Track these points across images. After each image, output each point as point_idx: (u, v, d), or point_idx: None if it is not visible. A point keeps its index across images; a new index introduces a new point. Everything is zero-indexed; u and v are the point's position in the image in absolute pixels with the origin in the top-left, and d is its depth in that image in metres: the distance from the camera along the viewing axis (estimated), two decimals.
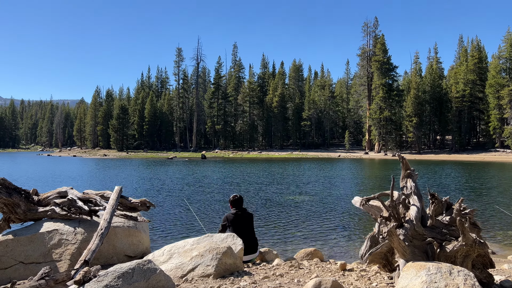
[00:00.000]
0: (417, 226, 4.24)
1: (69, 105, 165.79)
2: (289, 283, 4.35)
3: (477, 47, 73.35)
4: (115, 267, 3.32)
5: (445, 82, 77.60)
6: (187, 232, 10.26)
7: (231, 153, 77.42)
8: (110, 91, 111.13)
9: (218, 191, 19.33)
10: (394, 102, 71.72)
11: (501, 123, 62.31)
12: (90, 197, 6.10)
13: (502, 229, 10.72)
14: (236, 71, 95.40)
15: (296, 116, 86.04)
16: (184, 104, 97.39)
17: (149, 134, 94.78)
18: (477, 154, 60.97)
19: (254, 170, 35.25)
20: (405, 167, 4.81)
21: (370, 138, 74.68)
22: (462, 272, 3.75)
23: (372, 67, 73.72)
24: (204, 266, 4.51)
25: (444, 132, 73.90)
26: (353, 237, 9.97)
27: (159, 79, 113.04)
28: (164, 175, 29.27)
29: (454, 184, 22.97)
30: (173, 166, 42.09)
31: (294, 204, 15.34)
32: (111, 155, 77.69)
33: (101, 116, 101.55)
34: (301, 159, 59.62)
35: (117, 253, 5.93)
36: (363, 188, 21.57)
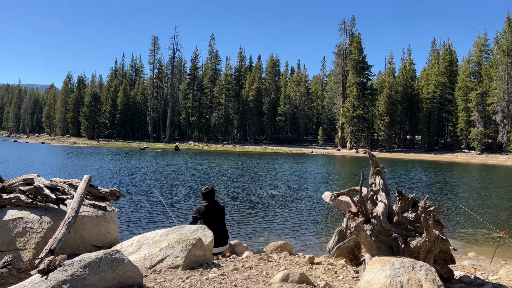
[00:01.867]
0: (383, 222, 4.36)
1: (38, 90, 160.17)
2: (258, 275, 4.39)
3: (449, 50, 75.54)
4: (81, 257, 3.26)
5: (417, 83, 79.57)
6: (157, 224, 10.17)
7: (205, 145, 76.98)
8: (82, 78, 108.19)
9: (190, 183, 19.22)
10: (367, 101, 73.02)
11: (468, 125, 64.52)
12: (57, 185, 5.95)
13: (464, 227, 11.16)
14: (212, 62, 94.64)
15: (271, 110, 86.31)
16: (159, 94, 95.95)
17: (121, 123, 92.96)
18: (444, 154, 62.96)
19: (227, 163, 35.21)
20: (375, 164, 4.92)
21: (343, 135, 75.84)
22: (424, 267, 3.89)
23: (348, 65, 74.70)
24: (173, 257, 4.49)
25: (414, 132, 75.88)
26: (322, 231, 10.14)
27: (134, 67, 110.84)
28: (136, 166, 28.83)
29: (421, 182, 23.67)
30: (145, 156, 41.50)
31: (266, 198, 15.45)
32: (81, 143, 75.80)
33: (72, 103, 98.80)
34: (275, 153, 59.97)
35: (85, 243, 5.82)
36: (334, 184, 21.93)
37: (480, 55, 68.13)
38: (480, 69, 67.31)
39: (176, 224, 6.06)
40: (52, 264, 3.13)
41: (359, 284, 4.03)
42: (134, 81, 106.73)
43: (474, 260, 7.30)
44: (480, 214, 12.51)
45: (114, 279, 3.32)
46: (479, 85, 63.82)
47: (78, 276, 3.09)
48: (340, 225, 5.18)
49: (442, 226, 4.62)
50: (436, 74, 70.86)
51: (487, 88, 61.88)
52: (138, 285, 3.51)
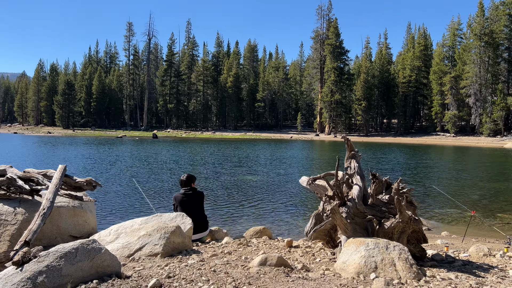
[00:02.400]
0: (358, 204, 4.46)
1: (8, 78, 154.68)
2: (237, 260, 4.45)
3: (424, 34, 76.63)
4: (57, 247, 3.23)
5: (393, 68, 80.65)
6: (136, 212, 10.11)
7: (184, 133, 76.39)
8: (54, 65, 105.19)
9: (168, 171, 19.11)
10: (345, 86, 73.67)
11: (442, 108, 66.04)
12: (31, 176, 5.83)
13: (438, 208, 11.51)
14: (189, 48, 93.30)
15: (250, 97, 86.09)
16: (135, 81, 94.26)
17: (97, 111, 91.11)
18: (420, 137, 64.41)
19: (207, 150, 35.10)
20: (350, 148, 5.01)
21: (321, 120, 76.48)
22: (397, 247, 4.02)
23: (325, 50, 74.94)
24: (152, 245, 4.49)
25: (390, 116, 77.21)
26: (301, 215, 10.30)
27: (108, 54, 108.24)
28: (113, 154, 28.43)
29: (397, 165, 24.21)
30: (123, 145, 40.92)
31: (246, 184, 15.52)
32: (56, 132, 74.05)
33: (45, 92, 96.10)
34: (255, 140, 60.08)
35: (61, 234, 5.75)
36: (312, 168, 22.20)
37: (453, 39, 69.43)
38: (453, 53, 68.69)
39: (155, 213, 6.05)
40: (27, 255, 3.10)
41: (335, 265, 4.13)
42: (109, 68, 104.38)
43: (447, 239, 7.56)
44: (453, 194, 12.92)
45: (92, 269, 3.31)
46: (453, 69, 65.21)
47: (54, 267, 3.06)
48: (317, 208, 5.27)
49: (415, 207, 4.76)
50: (411, 58, 71.94)
51: (461, 71, 63.31)
52: (116, 273, 3.51)
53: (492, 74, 60.58)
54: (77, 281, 3.17)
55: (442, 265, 4.49)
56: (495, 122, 58.40)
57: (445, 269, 4.27)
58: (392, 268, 3.79)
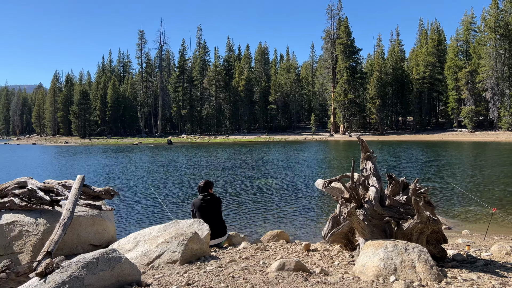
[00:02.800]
0: (375, 206, 4.43)
1: (25, 90, 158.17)
2: (255, 265, 4.46)
3: (436, 30, 75.69)
4: (78, 257, 3.29)
5: (406, 64, 79.77)
6: (153, 219, 10.21)
7: (198, 138, 76.85)
8: (69, 76, 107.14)
9: (185, 177, 19.24)
10: (358, 85, 73.15)
11: (458, 104, 64.99)
12: (51, 186, 5.95)
13: (457, 205, 11.32)
14: (201, 54, 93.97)
15: (262, 99, 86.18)
16: (148, 89, 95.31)
17: (112, 119, 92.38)
18: (436, 134, 63.49)
19: (221, 154, 35.24)
20: (365, 150, 4.98)
21: (335, 120, 76.05)
22: (416, 248, 3.98)
23: (336, 50, 74.59)
24: (171, 252, 4.53)
25: (405, 113, 76.30)
26: (317, 218, 10.25)
27: (121, 62, 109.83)
28: (129, 162, 28.77)
29: (414, 163, 23.90)
30: (138, 152, 41.38)
31: (262, 187, 15.53)
32: (73, 142, 75.29)
33: (61, 102, 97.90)
34: (269, 142, 60.06)
35: (82, 243, 5.85)
36: (327, 170, 22.08)
37: (467, 33, 68.35)
38: (468, 47, 67.60)
39: (172, 219, 6.10)
40: (49, 266, 3.16)
41: (354, 269, 4.11)
42: (123, 77, 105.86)
43: (468, 238, 7.43)
44: (472, 191, 12.70)
45: (113, 278, 3.36)
46: (468, 63, 64.16)
47: (76, 277, 3.12)
48: (334, 211, 5.25)
49: (433, 207, 4.70)
50: (425, 54, 71.04)
51: (476, 65, 62.24)
52: (137, 282, 3.55)
53: (509, 67, 59.39)
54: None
55: (464, 266, 4.42)
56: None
57: (467, 269, 4.20)
58: (412, 270, 3.75)
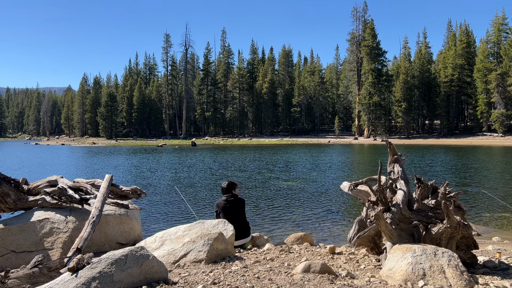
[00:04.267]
0: (403, 209, 4.34)
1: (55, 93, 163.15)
2: (280, 266, 4.44)
3: (465, 31, 73.70)
4: (108, 254, 3.36)
5: (433, 67, 78.05)
6: (178, 219, 10.33)
7: (221, 140, 77.35)
8: (97, 78, 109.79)
9: (208, 178, 19.39)
10: (383, 87, 72.03)
11: (488, 107, 63.10)
12: (80, 185, 6.11)
13: (488, 212, 10.98)
14: (225, 57, 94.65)
15: (286, 102, 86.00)
16: (173, 91, 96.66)
17: (138, 121, 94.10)
18: (464, 138, 61.79)
19: (245, 156, 35.35)
20: (392, 152, 4.89)
21: (360, 123, 75.11)
22: (446, 253, 3.88)
23: (362, 52, 73.72)
24: (196, 251, 4.57)
25: (432, 117, 74.61)
26: (342, 222, 10.14)
27: (147, 65, 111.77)
28: (155, 163, 29.22)
29: (442, 168, 23.33)
30: (163, 153, 41.98)
31: (285, 189, 15.48)
32: (100, 143, 77.09)
33: (89, 104, 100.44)
34: (292, 145, 59.84)
35: (109, 241, 5.97)
36: (352, 173, 21.81)
37: (498, 35, 66.26)
38: (499, 49, 65.52)
39: (197, 219, 6.16)
40: (80, 262, 3.24)
41: (381, 272, 4.04)
42: (149, 79, 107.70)
43: (498, 245, 7.19)
44: (503, 197, 12.29)
45: (141, 275, 3.42)
46: (499, 66, 62.22)
47: (106, 273, 3.19)
48: (359, 214, 5.18)
49: (463, 211, 4.57)
50: (453, 56, 69.33)
51: (507, 68, 60.29)
52: (164, 280, 3.60)
53: None
54: (127, 287, 3.28)
55: (496, 273, 4.28)
56: None
57: (499, 276, 4.07)
58: (442, 275, 3.65)
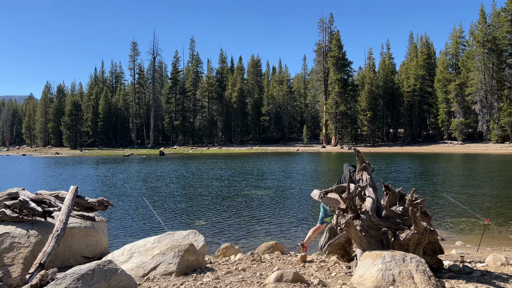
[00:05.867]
0: (372, 216, 4.42)
1: (16, 101, 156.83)
2: (252, 276, 4.41)
3: (426, 43, 76.84)
4: (74, 269, 3.23)
5: (397, 77, 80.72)
6: (147, 231, 10.09)
7: (191, 149, 76.62)
8: (61, 87, 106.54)
9: (177, 188, 19.11)
10: (349, 97, 73.72)
11: (448, 116, 65.75)
12: (43, 197, 5.87)
13: (451, 217, 11.37)
14: (194, 65, 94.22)
15: (255, 111, 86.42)
16: (141, 100, 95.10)
17: (104, 130, 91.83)
18: (427, 146, 64.02)
19: (214, 166, 35.13)
20: (361, 160, 4.99)
21: (327, 132, 76.41)
22: (414, 259, 3.97)
23: (328, 62, 75.29)
24: (166, 264, 4.48)
25: (396, 125, 76.93)
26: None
27: (114, 74, 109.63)
28: (121, 173, 28.54)
29: (406, 174, 24.03)
30: (130, 163, 41.10)
31: (255, 198, 15.47)
32: (64, 153, 74.60)
33: (52, 113, 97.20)
34: (261, 153, 60.06)
35: (74, 255, 5.75)
36: (321, 181, 22.09)
37: (456, 47, 69.48)
38: (457, 60, 68.65)
39: (166, 231, 6.04)
40: (44, 278, 3.10)
41: (352, 280, 4.08)
42: (115, 88, 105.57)
43: (461, 249, 7.45)
44: (464, 203, 12.77)
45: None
46: (457, 76, 65.10)
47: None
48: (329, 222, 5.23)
49: (429, 217, 4.71)
50: (415, 67, 72.00)
51: (465, 79, 63.19)
52: None
53: (497, 80, 60.35)
54: None
55: (460, 276, 4.42)
56: (502, 128, 57.93)
57: (464, 280, 4.20)
58: (410, 280, 3.74)
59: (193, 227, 10.18)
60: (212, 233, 9.91)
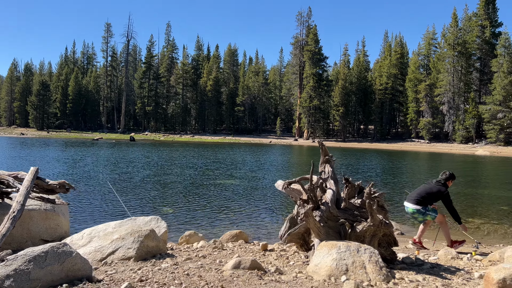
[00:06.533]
0: (332, 208, 4.55)
1: None
2: (211, 263, 4.46)
3: (400, 43, 78.44)
4: (26, 251, 3.17)
5: (370, 75, 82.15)
6: (110, 216, 9.95)
7: (162, 136, 75.66)
8: (29, 65, 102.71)
9: (147, 175, 18.89)
10: (323, 92, 74.52)
11: (417, 115, 67.62)
12: (1, 178, 5.70)
13: None
14: (169, 51, 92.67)
15: (230, 101, 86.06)
16: (112, 83, 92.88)
17: (73, 113, 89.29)
18: (395, 144, 65.69)
19: (185, 154, 34.88)
20: (324, 153, 5.10)
21: (300, 125, 77.11)
22: (368, 250, 4.12)
23: (304, 56, 75.72)
24: (125, 249, 4.46)
25: (367, 122, 78.49)
26: (277, 220, 10.36)
27: (85, 55, 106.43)
28: (88, 157, 27.91)
29: (373, 170, 24.62)
30: (99, 148, 40.22)
31: (223, 187, 15.50)
32: (30, 134, 72.13)
33: (19, 92, 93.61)
34: (234, 144, 60.02)
35: (32, 238, 5.64)
36: (289, 173, 22.34)
37: (428, 48, 71.30)
38: (428, 61, 70.51)
39: (129, 216, 5.99)
40: None
41: (308, 268, 4.19)
42: (86, 69, 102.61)
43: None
44: None
45: (62, 272, 3.27)
46: (428, 77, 66.90)
47: (22, 271, 3.01)
48: (292, 212, 5.33)
49: (386, 211, 4.87)
50: (388, 66, 73.45)
51: (435, 80, 65.01)
52: (88, 277, 3.47)
53: (465, 83, 62.44)
54: (46, 285, 3.12)
55: (412, 268, 4.62)
56: (467, 130, 60.14)
57: (414, 271, 4.39)
58: (363, 270, 3.88)
59: (159, 214, 10.12)
60: (178, 220, 9.88)
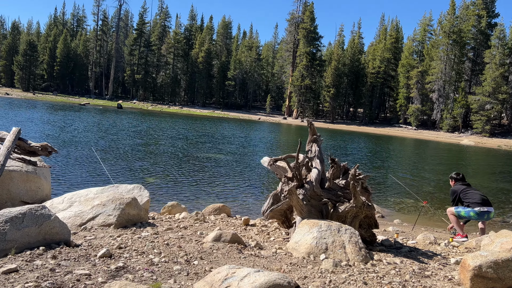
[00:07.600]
0: (316, 187, 4.55)
1: None
2: (192, 235, 4.45)
3: (396, 27, 77.89)
4: (3, 211, 3.11)
5: (363, 58, 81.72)
6: (93, 182, 9.87)
7: (150, 105, 74.79)
8: (16, 23, 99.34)
9: (132, 144, 18.72)
10: (316, 72, 74.07)
11: (407, 102, 67.94)
12: None
13: (393, 196, 11.95)
14: (162, 19, 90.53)
15: (221, 74, 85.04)
16: (102, 48, 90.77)
17: (60, 76, 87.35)
18: (383, 128, 66.17)
19: (173, 125, 34.62)
20: (312, 132, 5.07)
21: (290, 104, 76.89)
22: (348, 230, 4.15)
23: (299, 34, 74.78)
24: (106, 215, 4.42)
25: (357, 105, 78.62)
26: (261, 195, 10.42)
27: (76, 17, 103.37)
28: (73, 122, 27.50)
29: (359, 153, 24.84)
30: (85, 113, 39.64)
31: (209, 161, 15.48)
32: (15, 94, 70.57)
33: (5, 50, 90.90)
34: (223, 118, 59.73)
35: (12, 199, 5.56)
36: (276, 150, 22.40)
37: (424, 35, 71.03)
38: (422, 48, 70.37)
39: (112, 183, 5.93)
40: None
41: (288, 245, 4.22)
42: (76, 32, 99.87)
43: (398, 227, 7.87)
44: (408, 184, 13.43)
45: (39, 235, 3.22)
46: (421, 64, 66.87)
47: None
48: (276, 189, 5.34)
49: (369, 193, 4.90)
50: (382, 49, 73.09)
51: (427, 67, 65.07)
52: (65, 241, 3.43)
53: (457, 72, 62.67)
54: (23, 246, 3.07)
55: (390, 250, 4.69)
56: (454, 119, 60.78)
57: (392, 254, 4.46)
58: (342, 250, 3.91)
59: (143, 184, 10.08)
60: (161, 190, 9.87)
